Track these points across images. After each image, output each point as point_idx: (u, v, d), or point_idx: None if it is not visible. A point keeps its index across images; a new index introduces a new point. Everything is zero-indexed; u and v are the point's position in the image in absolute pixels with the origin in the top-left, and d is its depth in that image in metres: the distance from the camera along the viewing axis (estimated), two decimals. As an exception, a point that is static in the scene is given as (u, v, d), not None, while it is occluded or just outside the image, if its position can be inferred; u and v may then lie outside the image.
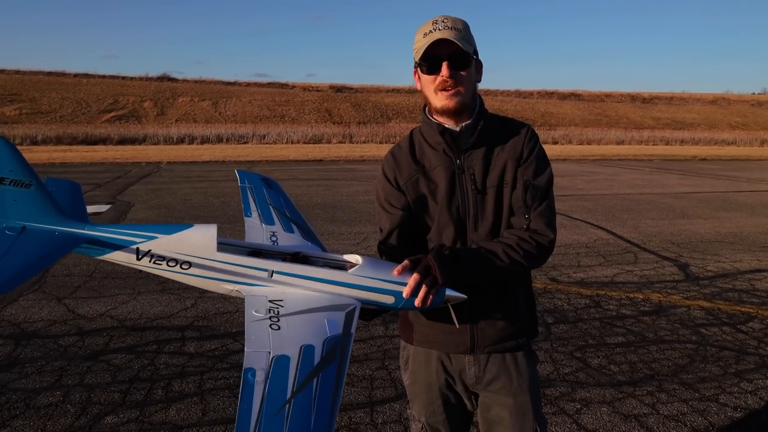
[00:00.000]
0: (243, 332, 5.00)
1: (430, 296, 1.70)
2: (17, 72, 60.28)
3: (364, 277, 1.71)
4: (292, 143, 38.45)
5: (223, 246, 1.77)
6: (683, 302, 5.80)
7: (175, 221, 9.99)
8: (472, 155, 1.91)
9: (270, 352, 1.48)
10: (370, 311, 1.81)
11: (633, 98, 73.28)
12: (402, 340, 2.18)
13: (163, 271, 1.76)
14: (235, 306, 5.49)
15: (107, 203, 12.15)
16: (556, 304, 5.69)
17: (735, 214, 11.36)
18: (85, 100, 54.03)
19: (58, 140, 35.85)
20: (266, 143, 38.60)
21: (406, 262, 1.73)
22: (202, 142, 37.73)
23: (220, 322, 5.10)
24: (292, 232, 2.16)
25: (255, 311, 1.61)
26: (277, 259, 1.77)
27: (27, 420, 3.47)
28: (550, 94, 71.37)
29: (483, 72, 1.97)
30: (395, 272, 1.71)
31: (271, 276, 1.71)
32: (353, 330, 1.61)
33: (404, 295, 1.70)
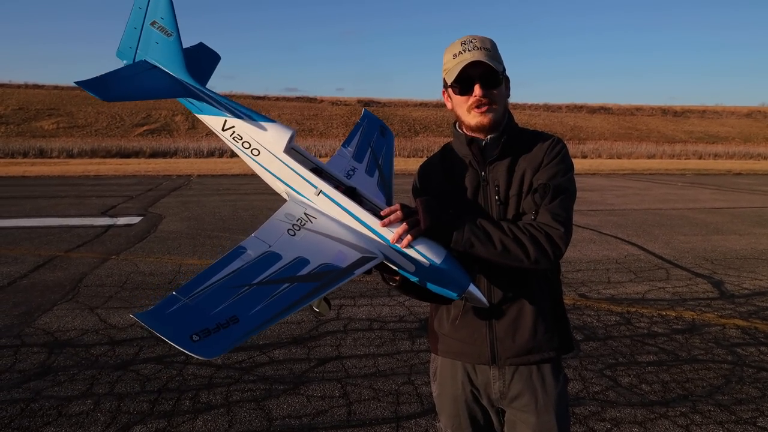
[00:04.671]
0: (271, 345, 5.03)
1: (408, 237, 1.72)
2: (56, 87, 62.35)
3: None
4: (320, 156, 38.59)
5: (293, 152, 1.90)
6: (718, 321, 5.65)
7: (204, 233, 10.15)
8: (497, 167, 1.93)
9: (270, 247, 1.63)
10: (388, 269, 1.83)
11: (664, 111, 72.14)
12: (431, 351, 2.18)
13: (238, 149, 1.93)
14: (262, 318, 5.52)
15: (139, 215, 12.40)
16: (586, 320, 5.59)
17: (772, 231, 11.04)
18: (119, 115, 55.47)
19: (93, 153, 36.87)
20: (294, 157, 38.97)
21: (397, 205, 1.77)
22: (232, 156, 38.29)
23: (247, 333, 5.13)
24: (371, 176, 2.20)
25: (286, 214, 1.77)
26: (331, 184, 1.85)
27: (59, 427, 3.53)
28: (579, 108, 70.72)
29: (512, 87, 2.00)
30: (382, 212, 1.75)
31: (318, 194, 1.82)
32: (356, 272, 1.66)
33: (380, 225, 1.74)
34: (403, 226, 1.73)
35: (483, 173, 1.93)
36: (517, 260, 1.77)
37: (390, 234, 1.75)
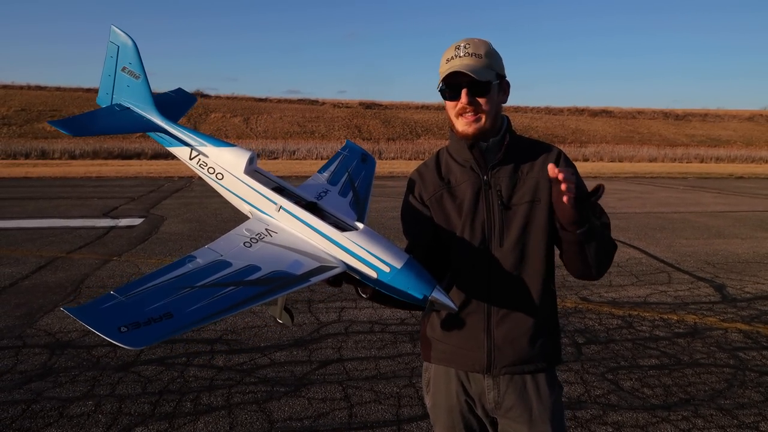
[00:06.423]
0: (272, 347, 5.03)
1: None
2: (58, 89, 62.42)
3: (353, 243, 1.73)
4: (321, 159, 38.79)
5: (255, 174, 1.96)
6: (720, 324, 5.64)
7: (206, 235, 10.15)
8: (499, 172, 1.92)
9: (221, 256, 1.65)
10: (357, 282, 1.81)
11: (666, 115, 72.07)
12: (423, 359, 2.15)
13: (204, 175, 2.04)
14: (263, 321, 5.52)
15: (140, 217, 12.40)
16: (587, 324, 5.58)
17: (774, 234, 11.02)
18: (122, 116, 55.42)
19: (95, 155, 36.89)
20: (296, 159, 39.07)
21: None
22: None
23: (248, 336, 5.13)
24: (344, 196, 2.21)
25: (246, 229, 1.82)
26: (291, 200, 1.88)
27: (60, 429, 3.53)
28: (580, 111, 70.65)
29: (513, 90, 1.99)
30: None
31: (279, 210, 1.86)
32: (313, 280, 1.66)
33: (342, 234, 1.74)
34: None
35: (485, 177, 1.92)
36: (607, 264, 2.15)
37: (345, 241, 1.73)
